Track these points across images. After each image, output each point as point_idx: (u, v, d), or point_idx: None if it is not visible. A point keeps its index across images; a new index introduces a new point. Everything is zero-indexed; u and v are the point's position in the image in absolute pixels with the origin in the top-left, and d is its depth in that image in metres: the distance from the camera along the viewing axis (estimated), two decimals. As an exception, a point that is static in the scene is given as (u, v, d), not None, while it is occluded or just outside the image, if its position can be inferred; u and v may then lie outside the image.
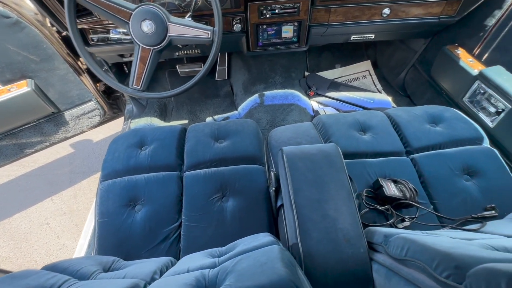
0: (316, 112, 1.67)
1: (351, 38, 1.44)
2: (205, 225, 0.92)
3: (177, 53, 1.37)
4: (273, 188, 0.92)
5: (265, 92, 1.67)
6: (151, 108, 1.76)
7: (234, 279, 0.48)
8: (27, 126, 1.37)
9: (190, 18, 1.02)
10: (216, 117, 1.78)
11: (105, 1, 0.81)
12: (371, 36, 1.44)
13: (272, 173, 0.93)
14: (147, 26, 0.83)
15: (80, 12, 1.05)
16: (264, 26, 1.22)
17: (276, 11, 1.16)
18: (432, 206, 0.94)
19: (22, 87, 1.22)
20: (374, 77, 1.90)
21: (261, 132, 1.18)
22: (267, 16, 1.17)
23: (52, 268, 0.65)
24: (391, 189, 0.89)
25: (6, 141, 1.35)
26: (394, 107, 1.72)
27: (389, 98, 1.75)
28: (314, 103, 1.73)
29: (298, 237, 0.68)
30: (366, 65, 1.95)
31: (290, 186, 0.77)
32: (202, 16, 1.14)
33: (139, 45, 0.85)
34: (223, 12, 1.17)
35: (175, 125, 1.18)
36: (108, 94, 1.68)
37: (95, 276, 0.68)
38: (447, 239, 0.54)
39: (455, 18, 1.31)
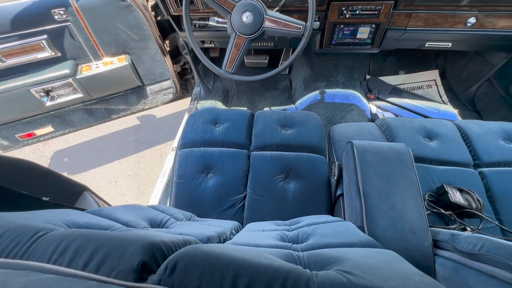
0: (374, 116, 1.67)
1: (426, 45, 1.42)
2: (268, 200, 1.02)
3: (252, 44, 1.47)
4: (335, 178, 0.98)
5: (326, 90, 1.71)
6: (216, 92, 1.92)
7: (319, 237, 0.55)
8: (117, 94, 1.60)
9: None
10: (273, 108, 1.88)
11: (215, -7, 0.93)
12: (448, 45, 1.40)
13: (336, 163, 0.99)
14: (247, 17, 0.93)
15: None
16: (341, 26, 1.27)
17: (357, 12, 1.20)
18: (497, 222, 0.92)
19: (122, 61, 1.43)
20: (440, 87, 1.83)
21: None
22: (347, 16, 1.22)
23: (154, 207, 0.79)
24: (456, 196, 0.90)
25: (99, 105, 1.59)
26: (460, 120, 1.65)
27: (456, 111, 1.68)
28: (372, 106, 1.74)
29: (365, 221, 0.74)
30: (433, 74, 1.88)
31: (359, 176, 0.82)
32: (287, 11, 1.22)
33: (236, 33, 0.97)
34: (304, 9, 1.24)
35: (245, 110, 1.29)
36: (181, 76, 1.87)
37: (184, 222, 0.81)
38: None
39: (549, 33, 1.22)
